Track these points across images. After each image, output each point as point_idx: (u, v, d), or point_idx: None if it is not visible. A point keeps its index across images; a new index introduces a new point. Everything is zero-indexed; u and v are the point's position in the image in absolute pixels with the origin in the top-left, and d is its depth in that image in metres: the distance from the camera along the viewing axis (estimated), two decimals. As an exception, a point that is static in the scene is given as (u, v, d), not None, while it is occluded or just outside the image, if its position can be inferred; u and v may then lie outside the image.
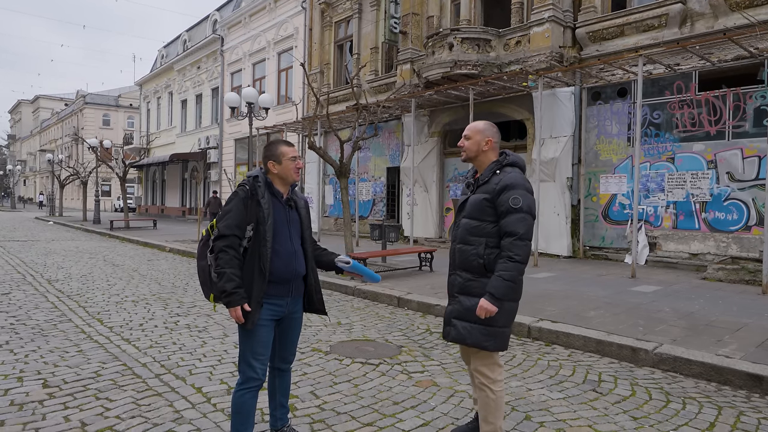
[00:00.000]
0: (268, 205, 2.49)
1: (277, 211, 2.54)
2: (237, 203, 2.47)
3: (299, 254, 2.59)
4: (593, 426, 3.06)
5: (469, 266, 2.56)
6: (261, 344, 2.50)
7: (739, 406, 3.47)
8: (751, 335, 4.88)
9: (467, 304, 2.55)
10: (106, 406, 3.25)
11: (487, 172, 2.60)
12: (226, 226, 2.44)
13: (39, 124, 66.48)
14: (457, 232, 2.65)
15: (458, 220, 2.66)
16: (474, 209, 2.56)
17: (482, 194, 2.55)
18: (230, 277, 2.38)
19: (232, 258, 2.41)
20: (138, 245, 14.54)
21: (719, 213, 9.10)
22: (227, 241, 2.41)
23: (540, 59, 10.76)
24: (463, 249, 2.58)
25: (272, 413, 2.76)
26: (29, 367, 3.97)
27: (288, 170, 2.57)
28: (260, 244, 2.44)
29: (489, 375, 2.59)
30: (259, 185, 2.53)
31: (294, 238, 2.59)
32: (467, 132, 2.67)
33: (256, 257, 2.44)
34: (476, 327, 2.52)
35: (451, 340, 2.63)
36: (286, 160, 2.56)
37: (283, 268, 2.50)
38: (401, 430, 2.96)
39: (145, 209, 34.25)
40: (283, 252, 2.51)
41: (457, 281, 2.61)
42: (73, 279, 8.32)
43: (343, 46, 17.91)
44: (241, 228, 2.45)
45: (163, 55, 32.28)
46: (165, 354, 4.37)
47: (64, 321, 5.51)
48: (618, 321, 5.47)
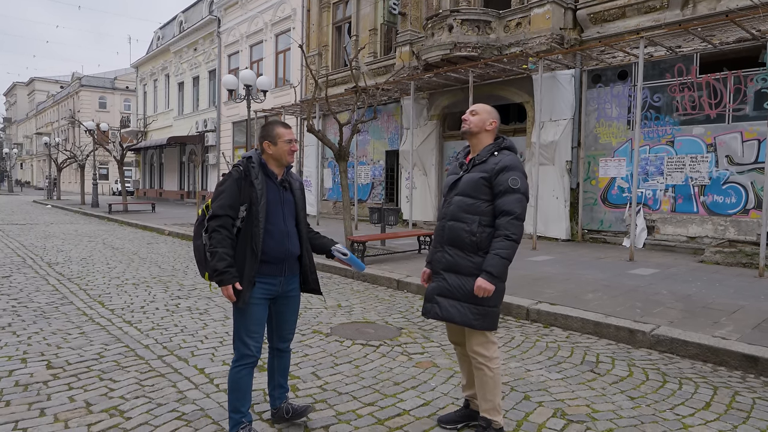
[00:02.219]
0: (261, 185, 2.52)
1: (271, 192, 2.57)
2: (230, 184, 2.50)
3: (293, 234, 2.63)
4: (591, 405, 3.11)
5: (460, 243, 2.56)
6: (254, 322, 2.54)
7: (734, 387, 3.52)
8: (747, 317, 4.93)
9: (454, 282, 2.56)
10: (110, 387, 3.29)
11: (485, 152, 2.62)
12: (219, 206, 2.47)
13: (35, 107, 65.91)
14: (447, 209, 2.65)
15: (449, 197, 2.67)
16: (469, 187, 2.57)
17: (479, 173, 2.57)
18: (222, 257, 2.42)
19: (224, 237, 2.45)
20: (137, 228, 14.54)
21: (718, 196, 9.12)
22: (220, 221, 2.45)
23: (540, 41, 10.66)
24: (454, 226, 2.58)
25: (271, 393, 2.80)
26: (32, 349, 4.01)
27: (283, 152, 2.59)
28: (252, 224, 2.48)
29: (485, 353, 2.60)
30: (252, 166, 2.55)
31: (287, 219, 2.62)
32: (475, 108, 2.69)
33: (249, 237, 2.48)
34: (467, 306, 2.54)
35: (433, 317, 2.62)
36: (282, 142, 2.58)
37: (275, 247, 2.54)
38: (402, 410, 3.01)
39: (143, 193, 34.17)
40: (276, 232, 2.54)
41: (444, 258, 2.61)
42: (73, 262, 8.34)
43: (341, 28, 17.70)
44: (234, 208, 2.48)
45: (159, 37, 31.88)
46: (167, 336, 4.41)
47: (65, 303, 5.54)
48: (616, 303, 5.51)
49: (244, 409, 2.56)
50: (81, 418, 2.85)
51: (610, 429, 2.81)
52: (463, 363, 2.84)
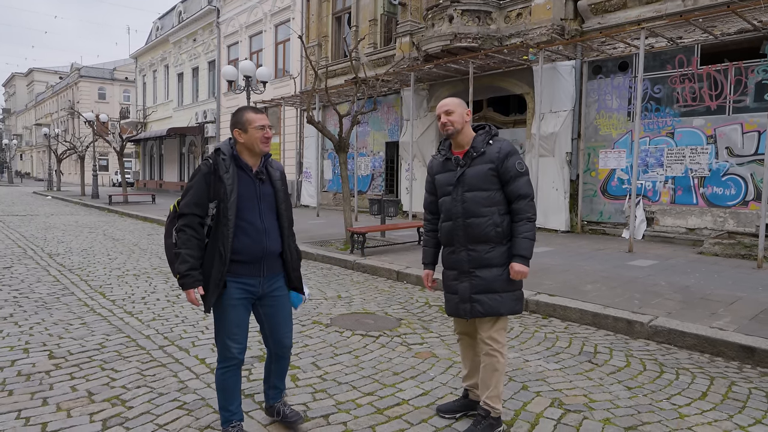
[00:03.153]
0: (231, 180, 2.33)
1: (244, 186, 2.38)
2: (198, 179, 2.35)
3: (272, 231, 2.44)
4: (588, 395, 3.14)
5: (486, 238, 2.55)
6: (233, 324, 2.40)
7: (731, 377, 3.55)
8: (745, 308, 4.95)
9: (490, 275, 2.56)
10: (112, 377, 3.32)
11: (479, 143, 2.61)
12: (185, 203, 2.33)
13: (34, 98, 65.68)
14: (458, 207, 2.59)
15: (457, 195, 2.60)
16: (480, 180, 2.55)
17: (484, 164, 2.56)
18: (184, 258, 2.28)
19: (189, 238, 2.30)
20: (137, 220, 14.56)
21: (717, 188, 9.12)
22: (185, 220, 2.31)
23: (541, 32, 10.61)
24: (475, 223, 2.55)
25: (266, 391, 2.73)
26: (34, 339, 4.04)
27: (254, 140, 2.38)
28: (221, 222, 2.31)
29: (500, 340, 2.64)
30: (223, 158, 2.36)
31: (265, 215, 2.43)
32: (448, 107, 2.61)
33: (219, 237, 2.32)
34: (507, 295, 2.58)
35: (479, 315, 2.58)
36: (253, 129, 2.37)
37: (251, 245, 2.37)
38: (401, 399, 3.04)
39: (144, 184, 34.14)
40: (251, 229, 2.37)
41: (471, 256, 2.58)
42: (74, 253, 8.36)
43: (341, 18, 17.60)
44: (200, 206, 2.32)
45: (159, 27, 31.69)
46: (168, 326, 4.44)
47: (66, 294, 5.57)
48: (614, 294, 5.54)
49: (232, 408, 2.50)
50: (83, 407, 2.89)
51: (607, 418, 2.84)
52: (467, 353, 2.83)
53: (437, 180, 2.70)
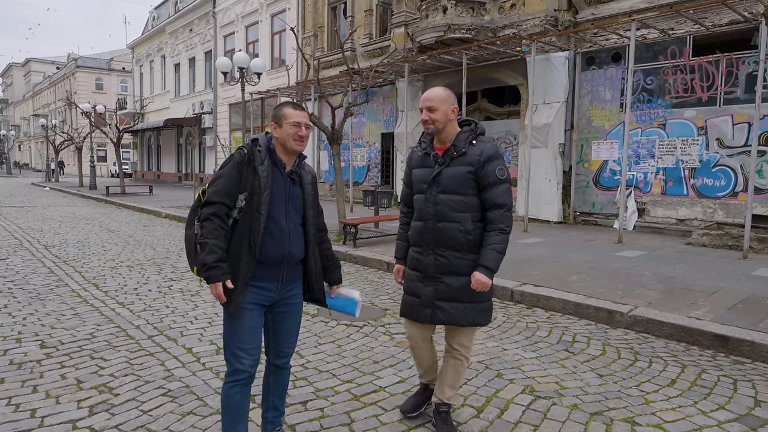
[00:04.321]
0: (266, 173, 2.19)
1: (276, 183, 2.24)
2: (230, 168, 2.20)
3: (296, 235, 2.28)
4: (559, 383, 3.25)
5: (456, 244, 2.42)
6: (247, 332, 2.22)
7: (703, 365, 3.66)
8: (724, 298, 5.05)
9: (456, 284, 2.44)
10: (101, 365, 3.43)
11: (461, 142, 2.43)
12: (214, 191, 2.18)
13: (31, 88, 65.44)
14: (431, 209, 2.44)
15: (430, 195, 2.45)
16: (455, 183, 2.41)
17: (463, 166, 2.41)
18: (212, 249, 2.11)
19: (217, 227, 2.14)
20: (134, 211, 14.65)
21: (707, 179, 9.20)
22: (213, 208, 2.15)
23: (534, 23, 10.62)
24: (445, 227, 2.42)
25: (263, 414, 2.47)
26: (27, 329, 4.14)
27: (287, 136, 2.23)
28: (252, 216, 2.17)
29: (468, 345, 2.61)
30: (259, 150, 2.22)
31: (292, 217, 2.28)
32: (431, 103, 2.41)
33: (247, 231, 2.17)
34: (470, 306, 2.46)
35: (439, 322, 2.49)
36: (287, 124, 2.23)
37: (274, 247, 2.21)
38: (378, 387, 3.15)
39: (142, 175, 34.19)
40: (276, 230, 2.22)
41: (438, 262, 2.45)
42: (70, 245, 8.46)
43: (336, 9, 17.54)
44: (230, 196, 2.17)
45: (155, 17, 31.55)
46: (158, 317, 4.54)
47: (60, 285, 5.67)
48: (598, 285, 5.64)
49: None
50: (71, 394, 2.99)
51: (575, 404, 2.95)
52: (423, 357, 2.72)
53: (414, 174, 2.56)
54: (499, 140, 12.53)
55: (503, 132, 12.45)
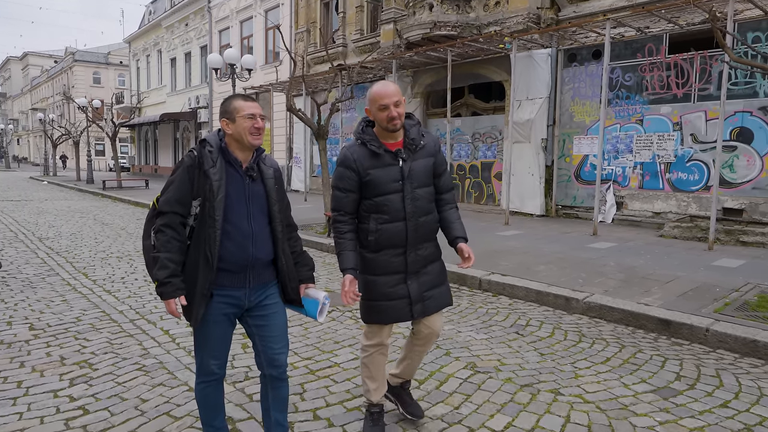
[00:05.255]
0: (219, 175, 2.06)
1: (233, 184, 2.10)
2: (181, 173, 2.07)
3: (261, 236, 2.15)
4: (501, 360, 3.56)
5: (432, 235, 2.51)
6: (216, 342, 2.16)
7: (641, 345, 3.96)
8: (678, 286, 5.35)
9: (434, 270, 2.52)
10: (83, 345, 3.75)
11: (417, 135, 2.45)
12: (165, 200, 2.06)
13: (29, 82, 65.54)
14: (410, 207, 2.39)
15: (408, 193, 2.39)
16: (426, 176, 2.46)
17: (427, 158, 2.46)
18: (163, 263, 2.00)
19: (169, 239, 2.02)
20: (129, 205, 14.94)
21: (682, 173, 9.48)
22: (165, 219, 2.03)
23: (517, 21, 10.86)
24: (426, 221, 2.45)
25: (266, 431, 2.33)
26: (18, 314, 4.46)
27: (243, 130, 2.08)
28: (207, 224, 2.04)
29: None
30: (210, 151, 2.08)
31: (255, 217, 2.15)
32: (396, 98, 2.32)
33: (203, 240, 2.04)
34: (445, 287, 2.56)
35: (429, 313, 2.50)
36: (241, 118, 2.08)
37: (235, 253, 2.08)
38: (334, 363, 3.46)
39: (139, 169, 34.44)
40: (237, 233, 2.09)
41: (419, 256, 2.46)
42: (63, 237, 8.77)
43: (329, 5, 17.75)
44: (182, 203, 2.05)
45: (151, 11, 31.68)
46: (141, 303, 4.86)
47: (51, 275, 5.98)
48: (563, 274, 5.94)
49: (216, 423, 2.31)
50: (54, 369, 3.31)
51: (509, 378, 3.25)
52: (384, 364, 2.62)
53: (374, 176, 2.37)
54: (485, 135, 12.81)
55: (489, 127, 12.72)
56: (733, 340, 3.98)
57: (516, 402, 2.94)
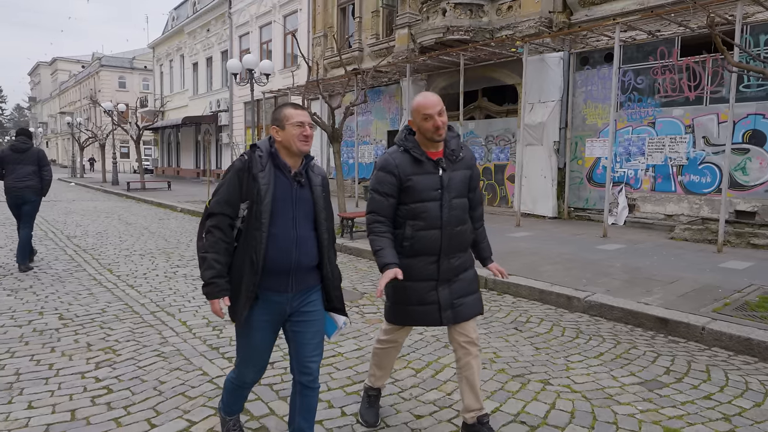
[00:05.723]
0: (267, 179, 2.12)
1: (280, 189, 2.15)
2: (231, 176, 2.15)
3: (306, 241, 2.18)
4: (497, 353, 3.74)
5: (466, 244, 2.57)
6: (258, 349, 2.21)
7: (636, 342, 4.09)
8: (680, 287, 5.44)
9: (467, 278, 2.56)
10: (108, 333, 4.05)
11: (457, 146, 2.52)
12: (216, 202, 2.14)
13: (58, 87, 67.53)
14: (447, 215, 2.44)
15: (445, 202, 2.44)
16: (463, 187, 2.52)
17: (465, 170, 2.53)
18: (210, 264, 2.08)
19: (217, 240, 2.10)
20: (152, 205, 15.43)
21: (694, 176, 9.49)
22: (215, 220, 2.12)
23: (529, 25, 10.99)
24: (462, 230, 2.50)
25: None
26: (48, 305, 4.80)
27: (291, 137, 2.15)
28: (253, 227, 2.10)
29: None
30: (260, 155, 2.16)
31: (300, 222, 2.18)
32: (439, 107, 2.39)
33: (250, 243, 2.10)
34: (477, 295, 2.61)
35: (463, 320, 2.53)
36: (290, 125, 2.15)
37: (279, 257, 2.12)
38: (337, 353, 3.69)
39: (162, 171, 35.29)
40: (282, 238, 2.13)
41: (453, 265, 2.50)
42: (90, 235, 9.20)
43: (345, 10, 18.06)
44: (232, 205, 2.12)
45: (174, 18, 32.51)
46: (161, 296, 5.16)
47: (79, 270, 6.34)
48: (568, 274, 6.07)
49: (235, 408, 2.48)
50: (82, 354, 3.62)
51: (502, 369, 3.43)
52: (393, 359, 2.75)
53: (415, 182, 2.41)
54: (498, 137, 12.93)
55: (502, 130, 12.84)
56: (728, 338, 4.09)
57: (506, 390, 3.12)
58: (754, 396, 3.11)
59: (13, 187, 6.35)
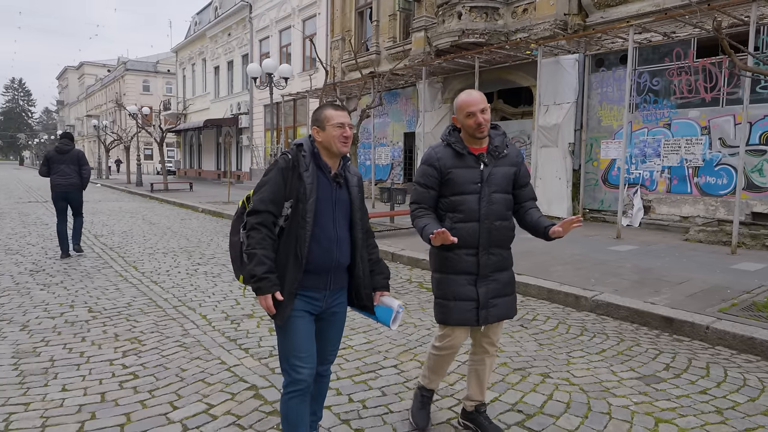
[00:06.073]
0: (311, 179, 2.15)
1: (322, 189, 2.19)
2: (275, 175, 2.16)
3: (343, 241, 2.24)
4: (500, 347, 3.87)
5: (506, 241, 2.56)
6: (302, 339, 2.19)
7: (640, 340, 4.19)
8: (689, 288, 5.49)
9: (504, 279, 2.55)
10: (134, 325, 4.32)
11: (501, 143, 2.55)
12: (260, 199, 2.14)
13: (85, 90, 69.36)
14: (485, 209, 2.46)
15: (484, 195, 2.46)
16: (506, 182, 2.53)
17: (509, 166, 2.54)
18: (261, 260, 2.08)
19: (264, 237, 2.11)
20: (174, 206, 15.87)
21: (710, 177, 9.45)
22: (260, 217, 2.12)
23: (544, 27, 11.05)
24: (502, 225, 2.51)
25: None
26: (78, 299, 5.10)
27: (332, 138, 2.18)
28: (298, 225, 2.13)
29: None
30: (303, 155, 2.19)
31: (339, 222, 2.23)
32: (482, 105, 2.43)
33: (293, 240, 2.13)
34: (511, 298, 2.60)
35: (495, 320, 2.55)
36: (331, 126, 2.19)
37: (321, 256, 2.17)
38: (348, 345, 3.88)
39: (184, 172, 36.04)
40: (324, 238, 2.18)
41: (491, 260, 2.50)
42: (115, 234, 9.58)
43: (363, 13, 18.30)
44: (276, 203, 2.14)
45: (196, 22, 33.22)
46: (183, 292, 5.43)
47: (106, 267, 6.67)
48: (577, 274, 6.16)
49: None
50: (110, 343, 3.89)
51: (505, 362, 3.58)
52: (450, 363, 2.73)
53: (455, 175, 2.47)
54: (513, 139, 12.99)
55: (518, 131, 12.91)
56: (731, 338, 4.16)
57: (506, 382, 3.27)
58: (750, 392, 3.20)
59: (59, 183, 7.40)
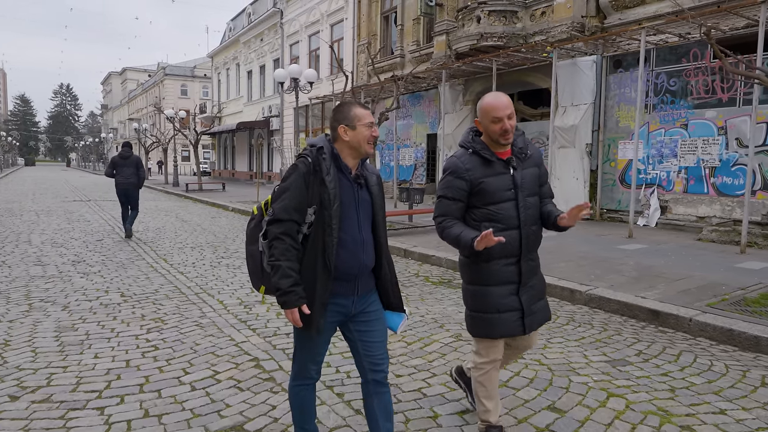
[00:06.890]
0: (334, 183, 2.04)
1: (345, 192, 2.08)
2: (296, 180, 2.04)
3: (369, 244, 2.14)
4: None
5: (538, 245, 2.48)
6: (321, 344, 2.17)
7: (623, 330, 4.43)
8: (684, 284, 5.64)
9: (538, 282, 2.51)
10: (159, 308, 4.87)
11: (524, 144, 2.46)
12: (282, 208, 2.02)
13: (127, 95, 72.35)
14: (523, 215, 2.37)
15: (521, 201, 2.38)
16: (533, 184, 2.44)
17: (534, 167, 2.47)
18: (286, 272, 1.98)
19: (288, 248, 2.00)
20: (206, 205, 16.67)
21: (727, 178, 9.44)
22: (284, 226, 2.00)
23: (561, 30, 11.21)
24: (536, 230, 2.44)
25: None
26: (113, 286, 5.70)
27: (362, 139, 2.07)
28: (324, 232, 2.02)
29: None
30: (324, 157, 2.06)
31: (363, 224, 2.13)
32: (510, 110, 2.32)
33: (320, 248, 2.02)
34: (546, 301, 2.55)
35: (537, 326, 2.50)
36: (362, 126, 2.07)
37: (348, 261, 2.07)
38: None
39: (219, 173, 37.31)
40: (350, 242, 2.08)
41: (529, 267, 2.43)
42: (150, 230, 10.31)
43: (388, 18, 18.74)
44: (300, 211, 2.02)
45: (231, 29, 34.38)
46: (205, 281, 5.97)
47: (139, 259, 7.30)
48: (578, 271, 6.38)
49: (308, 427, 2.33)
50: (137, 321, 4.44)
51: (485, 345, 3.91)
52: (496, 381, 2.56)
53: (486, 184, 2.36)
54: (533, 140, 13.16)
55: (537, 132, 13.06)
56: (712, 329, 4.36)
57: (481, 361, 3.60)
58: (711, 375, 3.43)
59: (121, 182, 9.27)
